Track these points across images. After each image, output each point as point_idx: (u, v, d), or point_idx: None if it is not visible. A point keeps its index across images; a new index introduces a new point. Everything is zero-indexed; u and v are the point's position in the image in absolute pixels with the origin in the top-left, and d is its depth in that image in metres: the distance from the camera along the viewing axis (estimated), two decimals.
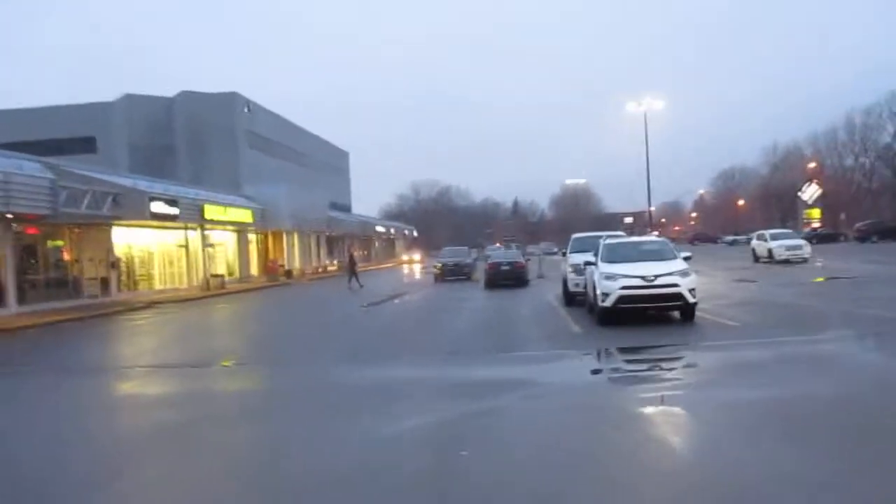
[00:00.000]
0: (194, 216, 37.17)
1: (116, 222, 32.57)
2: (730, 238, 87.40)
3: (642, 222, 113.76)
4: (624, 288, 14.72)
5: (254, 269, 50.03)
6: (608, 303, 14.87)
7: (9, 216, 25.28)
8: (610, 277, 15.06)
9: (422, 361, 11.53)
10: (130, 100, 60.23)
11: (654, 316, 15.52)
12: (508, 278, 31.35)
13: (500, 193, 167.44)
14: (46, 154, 40.77)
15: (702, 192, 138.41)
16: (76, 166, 33.01)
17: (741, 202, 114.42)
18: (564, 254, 22.63)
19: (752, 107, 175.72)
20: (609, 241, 17.72)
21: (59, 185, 26.40)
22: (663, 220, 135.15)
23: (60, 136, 58.00)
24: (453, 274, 38.32)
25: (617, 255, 16.32)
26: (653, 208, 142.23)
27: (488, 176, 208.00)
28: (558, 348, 12.53)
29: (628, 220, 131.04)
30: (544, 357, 11.11)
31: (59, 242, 30.65)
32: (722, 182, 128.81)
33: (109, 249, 33.30)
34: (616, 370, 10.89)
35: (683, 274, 14.97)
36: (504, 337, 14.50)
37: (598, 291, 15.20)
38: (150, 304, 29.79)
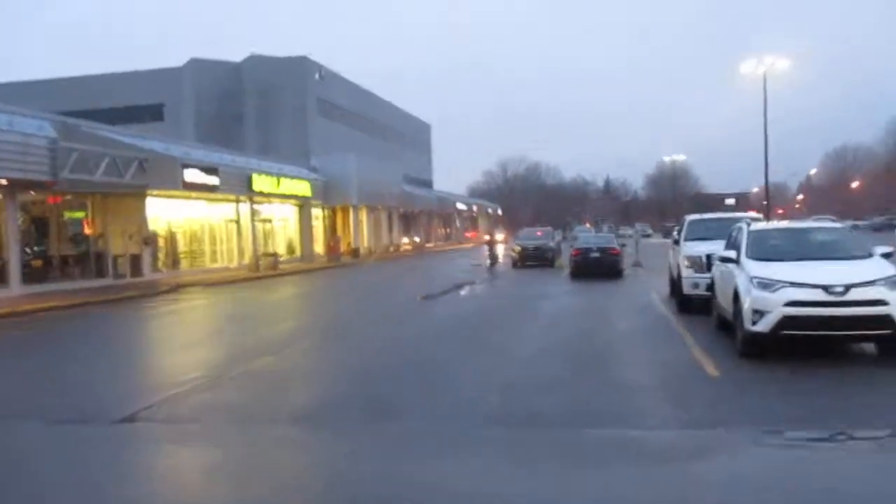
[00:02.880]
0: (240, 188, 32.92)
1: (153, 192, 28.61)
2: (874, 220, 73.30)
3: (745, 204, 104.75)
4: (792, 304, 9.01)
5: (319, 248, 45.76)
6: (763, 327, 9.19)
7: (2, 181, 21.42)
8: (766, 285, 9.35)
9: (431, 440, 6.04)
10: (197, 65, 57.00)
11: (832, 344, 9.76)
12: (599, 267, 25.67)
13: (590, 171, 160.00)
14: (114, 122, 37.87)
15: (813, 171, 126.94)
16: (108, 129, 29.24)
17: (855, 183, 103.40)
18: (676, 241, 16.78)
19: (867, 84, 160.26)
20: (757, 226, 11.81)
21: (63, 146, 22.38)
22: (764, 202, 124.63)
23: (128, 104, 55.63)
24: (533, 259, 32.79)
25: (774, 249, 10.57)
26: (756, 189, 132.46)
27: (579, 153, 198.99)
28: (692, 425, 6.80)
29: (730, 201, 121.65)
30: (672, 451, 5.40)
31: (79, 214, 26.84)
32: (832, 162, 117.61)
33: (142, 224, 29.38)
34: None
35: (893, 284, 9.08)
36: (592, 380, 8.98)
37: (746, 305, 9.52)
38: (176, 288, 25.62)
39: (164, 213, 31.14)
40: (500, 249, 35.88)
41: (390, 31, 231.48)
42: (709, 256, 14.26)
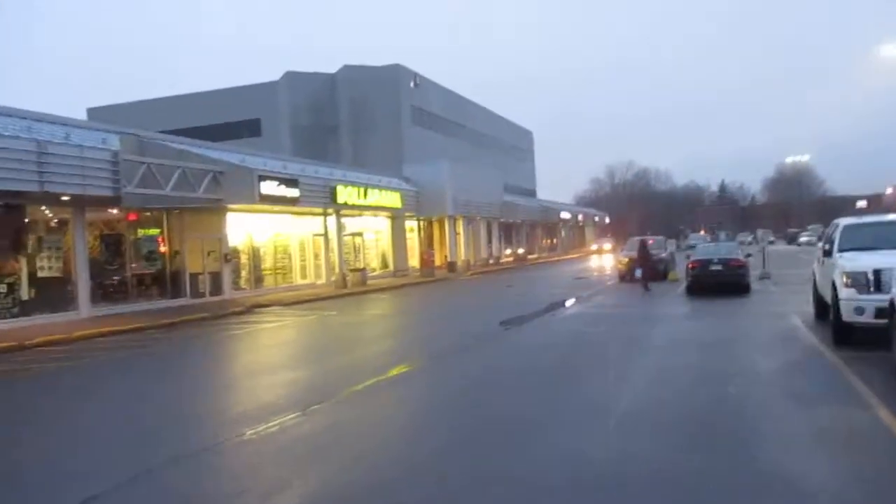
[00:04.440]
0: (323, 200, 31.05)
1: (232, 207, 27.16)
2: None
3: (880, 207, 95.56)
4: None
5: (414, 261, 43.61)
6: None
7: (64, 198, 20.17)
8: None
9: None
10: (292, 78, 56.47)
11: None
12: (722, 282, 22.07)
13: (704, 176, 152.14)
14: (214, 139, 37.23)
15: None
16: (182, 142, 28.03)
17: None
18: (827, 252, 13.17)
19: None
20: None
21: (128, 159, 20.98)
22: None
23: (227, 121, 55.79)
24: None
25: None
26: (890, 189, 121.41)
27: (691, 157, 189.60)
28: None
29: (861, 203, 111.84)
30: None
31: (154, 231, 25.55)
32: None
33: (222, 240, 27.96)
34: None
35: None
36: (730, 475, 5.79)
37: None
38: (250, 308, 23.84)
39: (245, 228, 29.70)
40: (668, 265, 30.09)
41: (485, 38, 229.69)
42: (878, 272, 10.78)
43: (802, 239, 69.96)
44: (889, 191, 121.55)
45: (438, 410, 8.82)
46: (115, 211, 23.35)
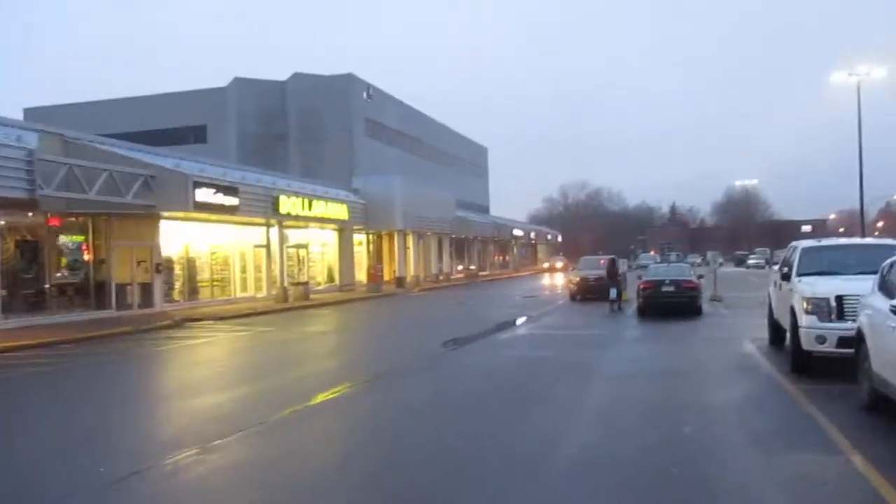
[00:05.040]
0: (265, 209, 29.69)
1: (167, 214, 25.63)
2: None
3: (824, 232, 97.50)
4: None
5: (361, 275, 42.31)
6: None
7: None
8: None
9: None
10: (241, 84, 54.81)
11: None
12: (673, 304, 21.41)
13: (655, 197, 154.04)
14: (158, 145, 35.37)
15: None
16: (113, 144, 26.45)
17: None
18: (785, 276, 12.39)
19: None
20: None
21: (45, 160, 19.41)
22: (842, 229, 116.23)
23: (172, 126, 53.83)
24: (595, 291, 28.54)
25: None
26: (833, 215, 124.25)
27: (643, 179, 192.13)
28: None
29: (806, 228, 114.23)
30: None
31: (78, 238, 23.90)
32: None
33: (154, 249, 26.36)
34: None
35: None
36: None
37: None
38: (180, 322, 22.33)
39: (181, 237, 28.12)
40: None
41: (442, 57, 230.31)
42: (840, 299, 10.05)
43: (751, 261, 70.66)
44: (832, 216, 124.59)
45: (347, 454, 7.70)
46: (30, 215, 21.66)
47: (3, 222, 21.41)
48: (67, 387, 12.42)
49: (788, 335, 12.48)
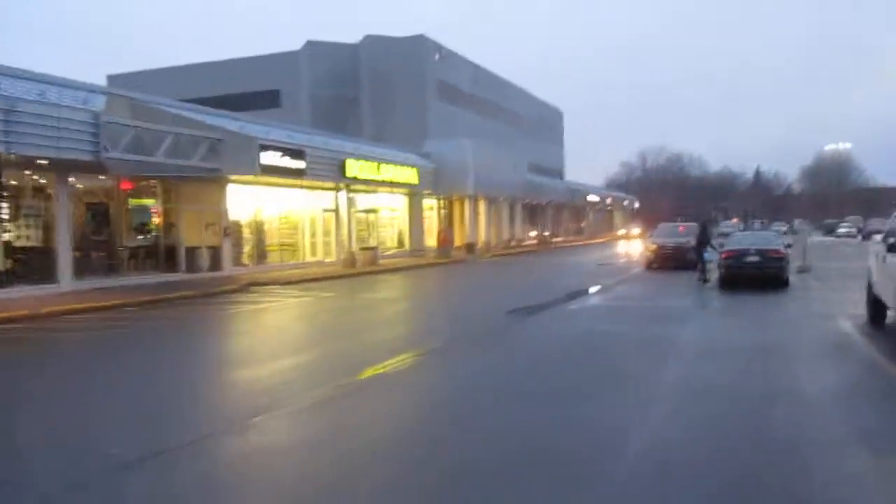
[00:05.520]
0: (333, 173, 29.28)
1: (234, 178, 25.55)
2: None
3: None
4: None
5: (432, 241, 41.75)
6: None
7: (42, 161, 18.62)
8: None
9: None
10: (313, 48, 54.56)
11: None
12: (758, 275, 19.97)
13: (739, 163, 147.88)
14: (234, 109, 35.48)
15: None
16: (180, 106, 26.38)
17: None
18: (893, 246, 10.97)
19: None
20: None
21: (111, 122, 19.33)
22: None
23: (247, 90, 54.18)
24: (671, 261, 27.15)
25: None
26: None
27: (726, 144, 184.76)
28: None
29: None
30: None
31: (149, 201, 24.01)
32: None
33: (222, 213, 26.35)
34: None
35: None
36: None
37: None
38: (245, 287, 22.21)
39: (250, 201, 28.06)
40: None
41: (517, 17, 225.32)
42: None
43: (841, 230, 66.97)
44: None
45: (383, 438, 7.00)
46: (102, 178, 21.79)
47: (80, 186, 21.62)
48: (110, 352, 12.19)
49: (892, 313, 11.19)
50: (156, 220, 24.13)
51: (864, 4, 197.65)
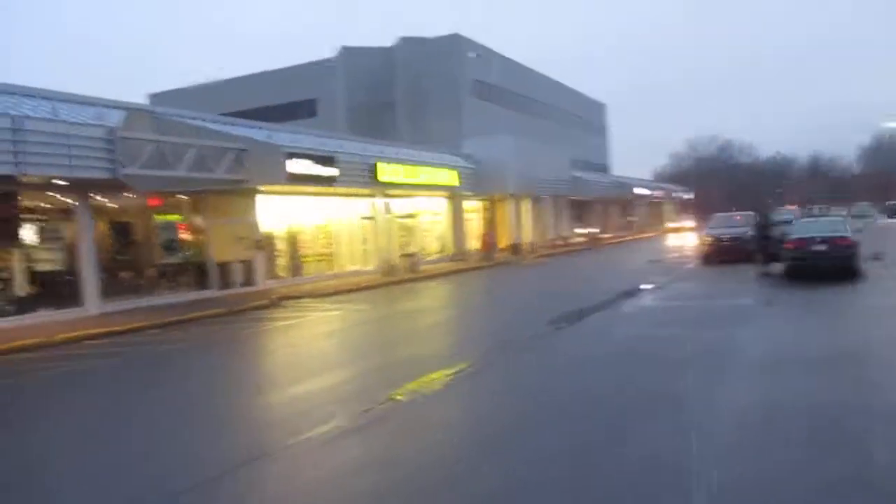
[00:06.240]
0: (365, 180, 28.23)
1: (263, 189, 24.70)
2: None
3: None
4: None
5: (475, 244, 40.46)
6: None
7: (60, 182, 17.96)
8: None
9: None
10: (349, 54, 53.80)
11: None
12: (825, 265, 18.21)
13: (791, 147, 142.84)
14: (273, 121, 34.92)
15: None
16: (201, 118, 25.64)
17: None
18: None
19: None
20: None
21: (127, 137, 18.57)
22: None
23: (282, 102, 53.86)
24: (729, 253, 25.40)
25: None
26: None
27: (776, 128, 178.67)
28: None
29: None
30: None
31: (175, 217, 23.29)
32: None
33: (253, 225, 25.52)
34: None
35: None
36: None
37: None
38: (277, 301, 21.28)
39: (284, 212, 27.18)
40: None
41: (556, 8, 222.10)
42: None
43: None
44: None
45: (390, 479, 5.76)
46: (129, 195, 21.06)
47: (108, 204, 20.96)
48: (108, 387, 11.21)
49: None
50: (185, 235, 23.38)
51: None
